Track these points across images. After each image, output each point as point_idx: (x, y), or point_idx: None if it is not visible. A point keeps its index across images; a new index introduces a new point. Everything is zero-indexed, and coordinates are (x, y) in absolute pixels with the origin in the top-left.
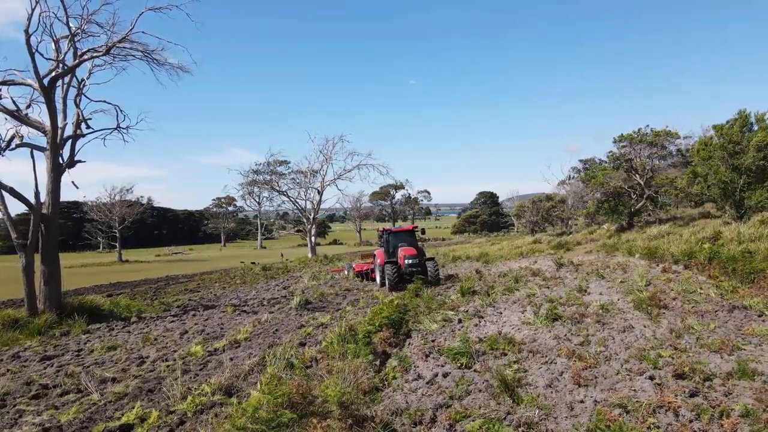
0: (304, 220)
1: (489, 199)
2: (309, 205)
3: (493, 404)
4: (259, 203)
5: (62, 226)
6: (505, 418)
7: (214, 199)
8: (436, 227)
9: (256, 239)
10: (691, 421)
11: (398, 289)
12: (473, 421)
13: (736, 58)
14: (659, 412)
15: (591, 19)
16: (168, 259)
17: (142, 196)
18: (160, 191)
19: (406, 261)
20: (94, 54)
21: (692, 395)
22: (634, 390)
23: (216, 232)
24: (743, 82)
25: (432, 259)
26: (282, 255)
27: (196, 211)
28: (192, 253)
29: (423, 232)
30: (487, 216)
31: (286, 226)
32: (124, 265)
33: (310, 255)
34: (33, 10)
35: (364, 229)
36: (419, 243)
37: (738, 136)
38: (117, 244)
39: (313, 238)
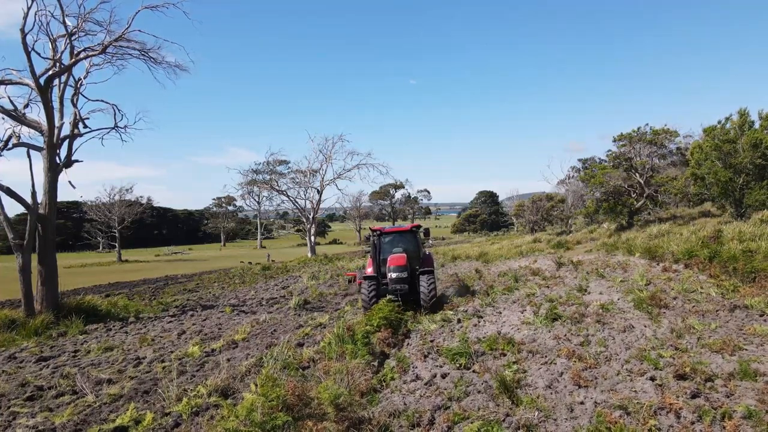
0: (304, 220)
1: (489, 198)
2: (308, 205)
3: (492, 405)
4: (258, 203)
5: (61, 227)
6: (504, 420)
7: (214, 199)
8: (436, 226)
9: (256, 239)
10: (692, 423)
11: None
12: (472, 422)
13: (746, 56)
14: (660, 414)
15: (595, 16)
16: (167, 258)
17: (141, 196)
18: (160, 191)
19: (390, 275)
20: (90, 53)
21: (694, 396)
22: (635, 391)
23: (216, 231)
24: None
25: (430, 272)
26: (268, 256)
27: (196, 210)
28: (192, 253)
29: (427, 233)
30: (487, 215)
31: (286, 225)
32: (123, 265)
33: (309, 254)
34: (29, 8)
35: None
36: (424, 249)
37: (737, 134)
38: (116, 244)
39: (312, 238)
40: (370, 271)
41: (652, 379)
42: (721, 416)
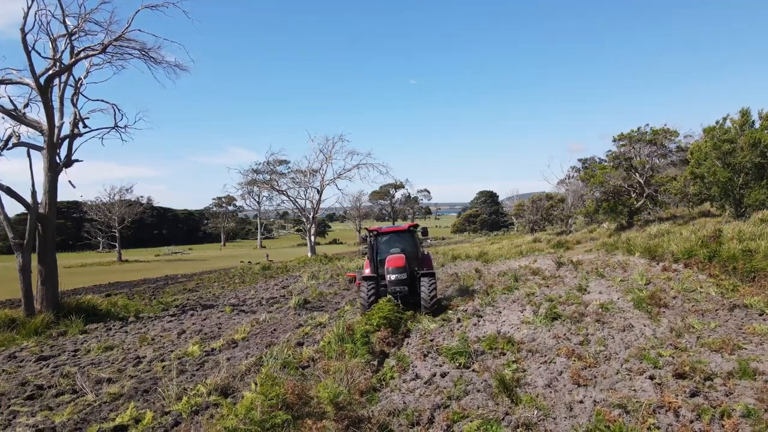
0: (304, 220)
1: (489, 198)
2: (308, 205)
3: (491, 404)
4: (258, 203)
5: (62, 226)
6: (503, 419)
7: (214, 199)
8: (436, 226)
9: (256, 239)
10: (691, 422)
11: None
12: (471, 421)
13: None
14: (659, 413)
15: (597, 15)
16: (167, 258)
17: (141, 196)
18: (160, 191)
19: (389, 277)
20: (90, 53)
21: (693, 395)
22: (634, 390)
23: (216, 231)
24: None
25: (430, 274)
26: (267, 256)
27: (196, 210)
28: (192, 253)
29: (425, 232)
30: (487, 215)
31: (286, 225)
32: (123, 265)
33: (309, 254)
34: (29, 8)
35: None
36: (422, 248)
37: (737, 132)
38: (116, 244)
39: (312, 238)
40: (368, 272)
41: (652, 378)
42: (720, 415)
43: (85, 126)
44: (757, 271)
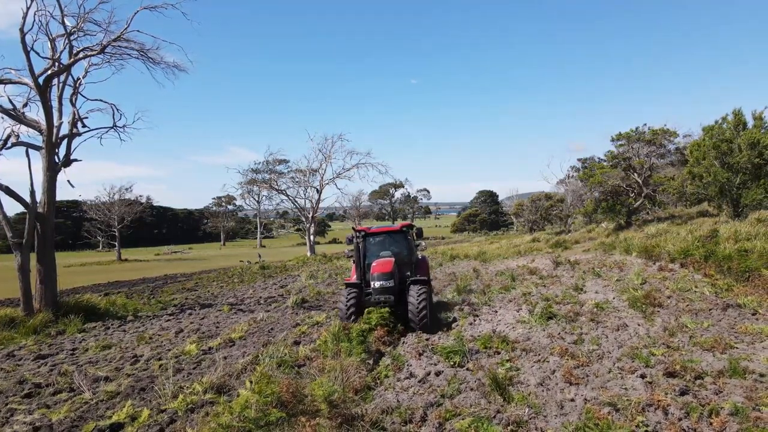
0: (303, 219)
1: (489, 197)
2: (308, 204)
3: (483, 403)
4: (258, 202)
5: (61, 226)
6: (494, 417)
7: (213, 198)
8: (436, 226)
9: (256, 238)
10: (680, 419)
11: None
12: (463, 419)
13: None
14: (649, 411)
15: (597, 15)
16: (167, 258)
17: (141, 195)
18: (160, 190)
19: (373, 284)
20: (89, 53)
21: (683, 393)
22: (625, 388)
23: (215, 231)
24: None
25: (422, 281)
26: (259, 256)
27: (196, 210)
28: (191, 252)
29: (419, 234)
30: (487, 215)
31: (286, 224)
32: (123, 264)
33: (308, 254)
34: (28, 8)
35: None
36: (418, 251)
37: (732, 133)
38: (116, 243)
39: (312, 237)
40: (354, 278)
41: (643, 376)
42: (708, 413)
43: (83, 126)
44: (752, 271)
